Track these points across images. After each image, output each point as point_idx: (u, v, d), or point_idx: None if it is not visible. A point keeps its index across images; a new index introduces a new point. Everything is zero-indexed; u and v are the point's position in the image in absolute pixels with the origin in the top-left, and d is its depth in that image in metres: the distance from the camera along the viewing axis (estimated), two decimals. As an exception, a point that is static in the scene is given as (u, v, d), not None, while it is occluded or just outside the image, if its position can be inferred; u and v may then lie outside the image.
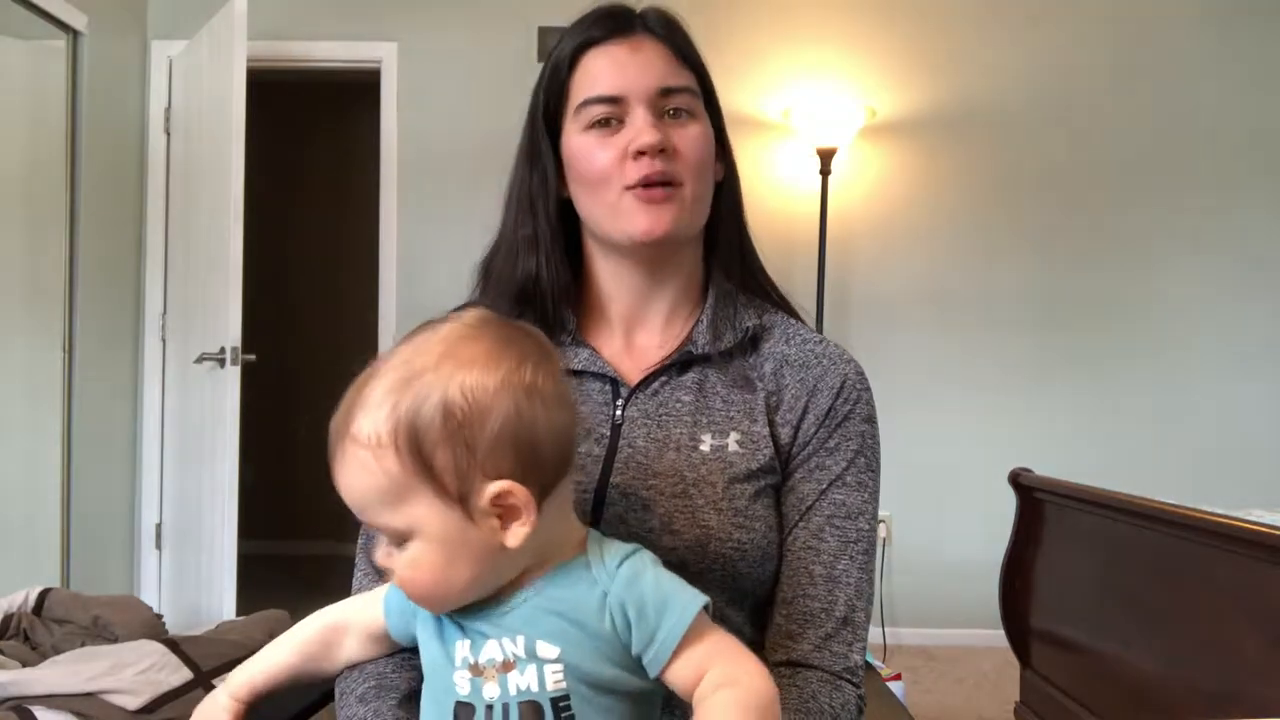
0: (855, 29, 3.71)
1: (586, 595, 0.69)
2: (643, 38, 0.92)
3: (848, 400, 0.92)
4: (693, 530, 0.85)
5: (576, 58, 0.93)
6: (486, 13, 3.66)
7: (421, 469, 0.65)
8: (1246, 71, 3.68)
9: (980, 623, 3.11)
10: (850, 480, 0.90)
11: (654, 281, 0.96)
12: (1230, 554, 1.74)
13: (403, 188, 3.68)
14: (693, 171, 0.91)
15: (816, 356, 0.94)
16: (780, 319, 0.98)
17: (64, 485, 3.21)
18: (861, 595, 0.88)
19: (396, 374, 0.67)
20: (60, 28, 3.16)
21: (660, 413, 0.91)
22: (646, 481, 0.87)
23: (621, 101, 0.90)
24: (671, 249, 0.93)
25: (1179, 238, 3.68)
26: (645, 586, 0.68)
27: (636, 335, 0.97)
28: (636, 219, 0.89)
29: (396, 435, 0.65)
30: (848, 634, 0.86)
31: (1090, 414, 3.66)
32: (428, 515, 0.66)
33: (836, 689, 0.84)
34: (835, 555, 0.88)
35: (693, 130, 0.91)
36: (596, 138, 0.90)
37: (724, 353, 0.93)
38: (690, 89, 0.92)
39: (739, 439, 0.89)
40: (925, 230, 3.70)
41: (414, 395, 0.66)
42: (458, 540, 0.67)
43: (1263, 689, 1.60)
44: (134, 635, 2.13)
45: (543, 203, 0.95)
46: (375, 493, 0.66)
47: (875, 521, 0.91)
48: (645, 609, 0.67)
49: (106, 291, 3.43)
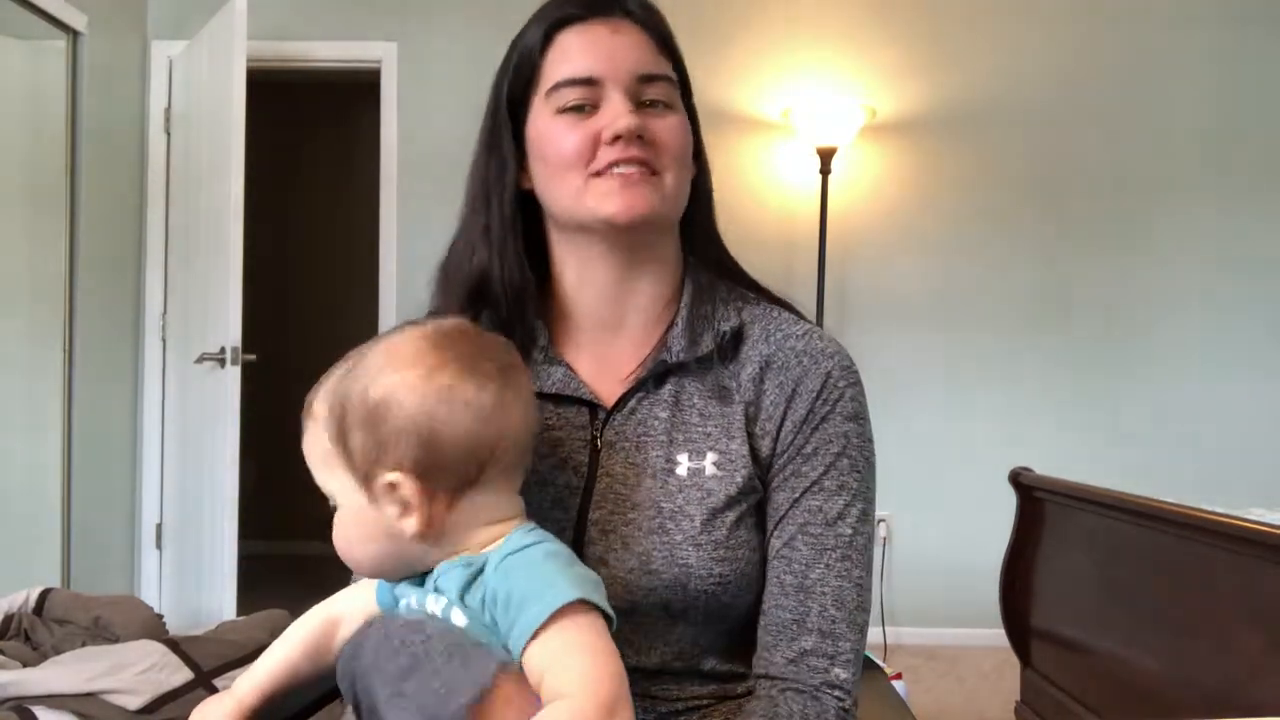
0: (855, 29, 3.71)
1: (473, 585, 0.72)
2: (623, 20, 0.87)
3: (828, 400, 0.85)
4: (671, 569, 0.81)
5: (551, 35, 0.87)
6: (486, 13, 3.65)
7: (341, 447, 0.73)
8: (1247, 71, 3.68)
9: (980, 622, 3.10)
10: (828, 484, 0.84)
11: (628, 274, 0.88)
12: (1230, 554, 1.74)
13: (403, 188, 3.68)
14: (671, 159, 0.85)
15: (798, 355, 0.87)
16: (762, 310, 0.91)
17: (64, 485, 3.21)
18: (843, 604, 0.82)
19: (350, 363, 0.76)
20: (60, 28, 3.16)
21: (638, 433, 0.86)
22: (625, 515, 0.83)
23: (597, 84, 0.84)
24: (647, 235, 0.87)
25: (1179, 237, 3.68)
26: (516, 579, 0.69)
27: (611, 342, 0.90)
28: (610, 198, 0.83)
29: (330, 413, 0.74)
30: (827, 646, 0.81)
31: (1090, 413, 3.66)
32: (343, 488, 0.75)
33: (814, 699, 0.80)
34: (808, 564, 0.83)
35: (671, 120, 0.86)
36: (567, 121, 0.84)
37: (701, 359, 0.87)
38: (670, 78, 0.87)
39: (716, 459, 0.84)
40: (925, 230, 3.70)
41: (350, 381, 0.74)
42: (361, 517, 0.74)
43: (1263, 689, 1.60)
44: (134, 635, 2.13)
45: (498, 193, 0.90)
46: (314, 458, 0.76)
47: (865, 523, 0.85)
48: (510, 600, 0.68)
49: (106, 291, 3.42)
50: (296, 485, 4.02)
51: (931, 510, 3.63)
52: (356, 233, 4.51)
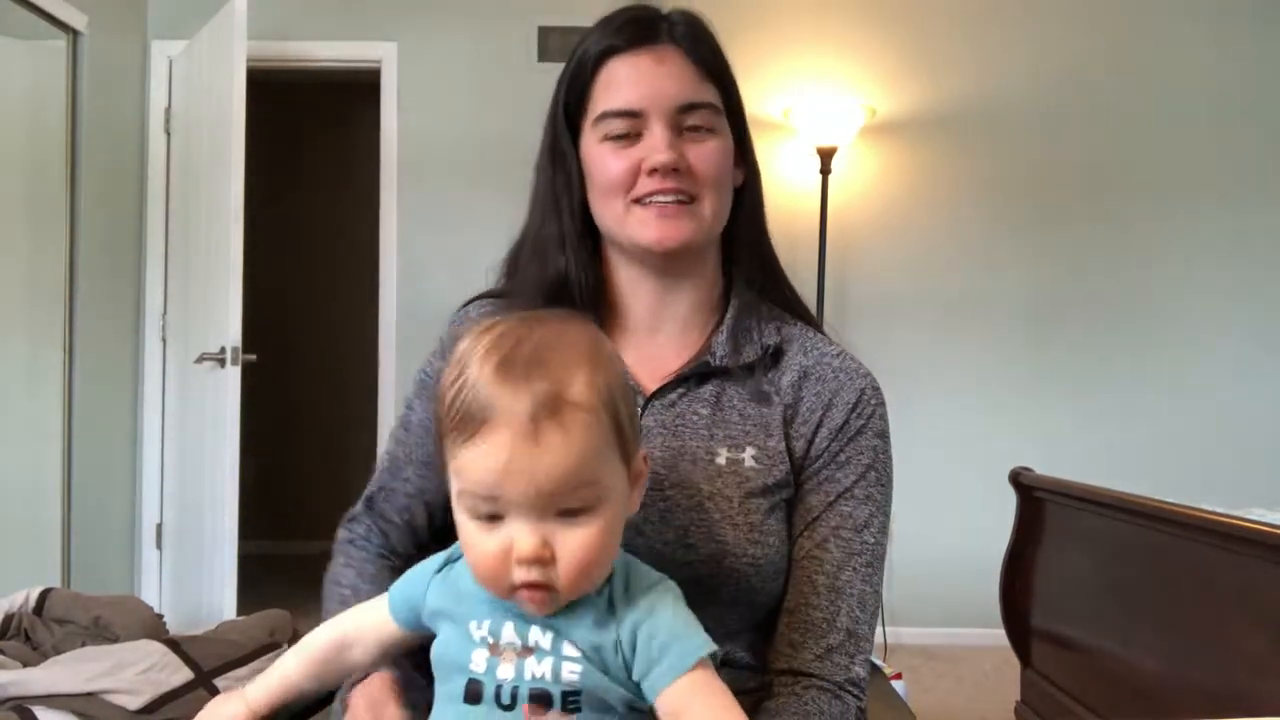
0: (855, 29, 3.71)
1: (602, 627, 0.70)
2: (666, 48, 0.91)
3: (861, 415, 0.92)
4: (709, 545, 0.86)
5: (600, 63, 0.92)
6: (486, 13, 3.65)
7: (615, 431, 0.69)
8: (1248, 70, 3.68)
9: (980, 622, 3.10)
10: (859, 493, 0.90)
11: (669, 288, 0.96)
12: (1230, 553, 1.74)
13: (403, 188, 3.67)
14: (708, 186, 0.90)
15: (834, 370, 0.93)
16: (800, 330, 0.98)
17: (64, 485, 3.21)
18: (865, 607, 0.88)
19: (572, 350, 0.69)
20: (60, 28, 3.16)
21: (677, 424, 0.91)
22: (664, 492, 0.87)
23: (640, 116, 0.89)
24: (686, 258, 0.93)
25: (1179, 237, 3.68)
26: (661, 620, 0.69)
27: (654, 341, 0.96)
28: (648, 228, 0.89)
29: (602, 400, 0.68)
30: (850, 645, 0.86)
31: (1090, 413, 3.66)
32: (613, 479, 0.69)
33: (837, 698, 0.84)
34: (839, 566, 0.88)
35: (710, 145, 0.91)
36: (612, 149, 0.90)
37: (745, 366, 0.93)
38: (711, 104, 0.92)
39: (755, 454, 0.90)
40: (925, 229, 3.70)
41: (598, 367, 0.69)
42: (621, 509, 0.71)
43: (1263, 688, 1.60)
44: (134, 635, 2.13)
45: (567, 202, 0.95)
46: (589, 452, 0.67)
47: (884, 535, 0.91)
48: (654, 639, 0.68)
49: (106, 291, 3.42)
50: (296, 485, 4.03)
51: (931, 510, 3.62)
52: (356, 233, 4.51)
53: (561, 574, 0.66)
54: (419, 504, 0.96)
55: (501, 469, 0.65)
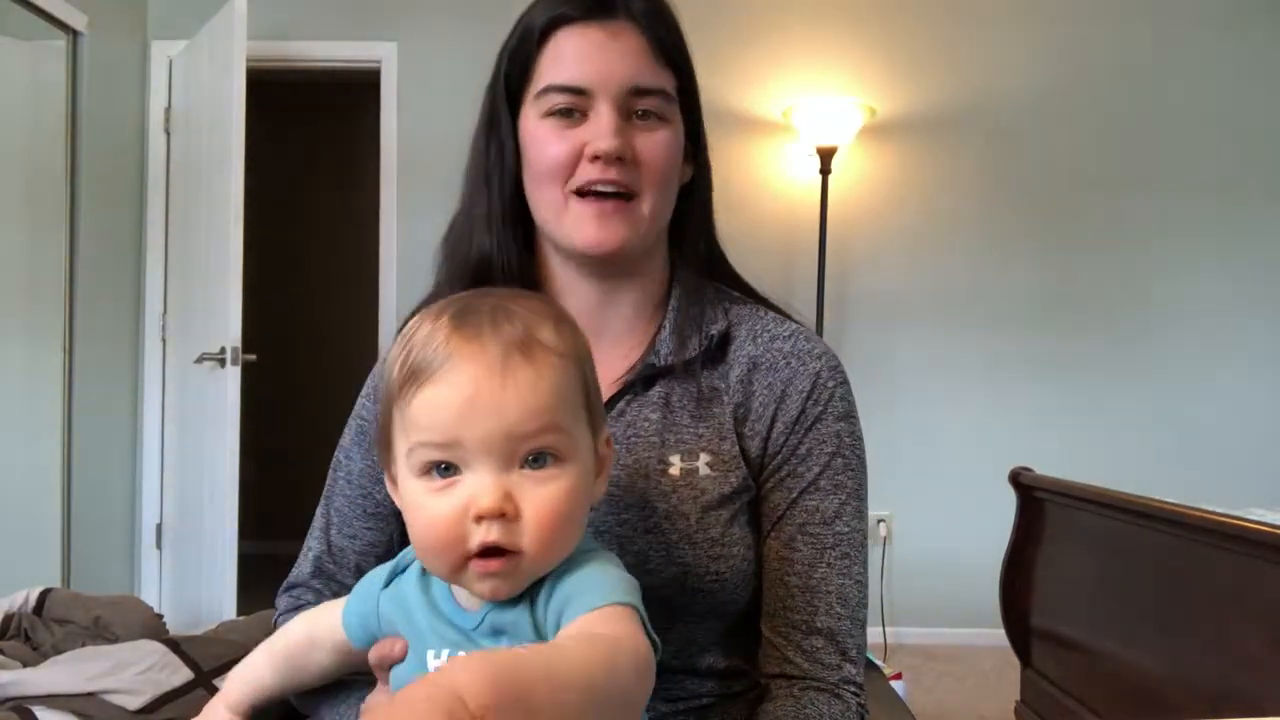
0: (855, 29, 3.71)
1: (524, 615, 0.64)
2: (622, 24, 0.83)
3: (818, 401, 0.85)
4: (669, 569, 0.81)
5: (547, 33, 0.84)
6: (486, 13, 3.63)
7: (584, 392, 0.66)
8: (1248, 70, 3.68)
9: (980, 622, 3.11)
10: (824, 484, 0.84)
11: (611, 290, 0.89)
12: (1230, 554, 1.74)
13: (403, 187, 3.68)
14: (653, 182, 0.83)
15: (785, 356, 0.86)
16: (749, 311, 0.90)
17: (64, 485, 3.21)
18: (846, 602, 0.83)
19: (538, 303, 0.67)
20: (60, 28, 3.16)
21: (628, 435, 0.85)
22: (619, 516, 0.82)
23: (587, 94, 0.82)
24: (626, 258, 0.86)
25: (1179, 237, 3.68)
26: (581, 571, 0.64)
27: (598, 345, 0.84)
28: (583, 228, 0.82)
29: (577, 352, 0.66)
30: (837, 643, 0.82)
31: (1090, 413, 3.66)
32: (582, 439, 0.65)
33: (836, 698, 0.81)
34: (810, 564, 0.83)
35: (659, 136, 0.84)
36: (554, 127, 0.83)
37: (689, 362, 0.86)
38: (664, 91, 0.84)
39: (709, 460, 0.84)
40: (925, 229, 3.70)
41: (564, 322, 0.67)
42: (588, 481, 0.66)
43: (1263, 688, 1.60)
44: (134, 635, 2.13)
45: (498, 178, 0.88)
46: (562, 398, 0.63)
47: (860, 521, 0.85)
48: (568, 590, 0.63)
49: (106, 291, 3.42)
50: (296, 485, 4.00)
51: (931, 510, 3.63)
52: (357, 232, 4.51)
53: (527, 533, 0.60)
54: (372, 561, 0.88)
55: (465, 403, 0.60)
